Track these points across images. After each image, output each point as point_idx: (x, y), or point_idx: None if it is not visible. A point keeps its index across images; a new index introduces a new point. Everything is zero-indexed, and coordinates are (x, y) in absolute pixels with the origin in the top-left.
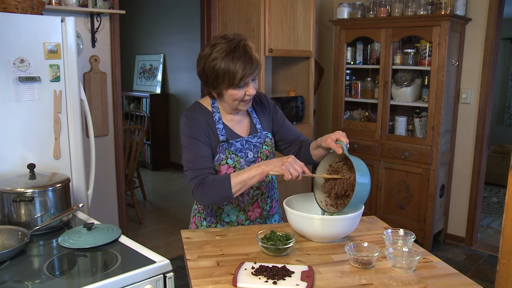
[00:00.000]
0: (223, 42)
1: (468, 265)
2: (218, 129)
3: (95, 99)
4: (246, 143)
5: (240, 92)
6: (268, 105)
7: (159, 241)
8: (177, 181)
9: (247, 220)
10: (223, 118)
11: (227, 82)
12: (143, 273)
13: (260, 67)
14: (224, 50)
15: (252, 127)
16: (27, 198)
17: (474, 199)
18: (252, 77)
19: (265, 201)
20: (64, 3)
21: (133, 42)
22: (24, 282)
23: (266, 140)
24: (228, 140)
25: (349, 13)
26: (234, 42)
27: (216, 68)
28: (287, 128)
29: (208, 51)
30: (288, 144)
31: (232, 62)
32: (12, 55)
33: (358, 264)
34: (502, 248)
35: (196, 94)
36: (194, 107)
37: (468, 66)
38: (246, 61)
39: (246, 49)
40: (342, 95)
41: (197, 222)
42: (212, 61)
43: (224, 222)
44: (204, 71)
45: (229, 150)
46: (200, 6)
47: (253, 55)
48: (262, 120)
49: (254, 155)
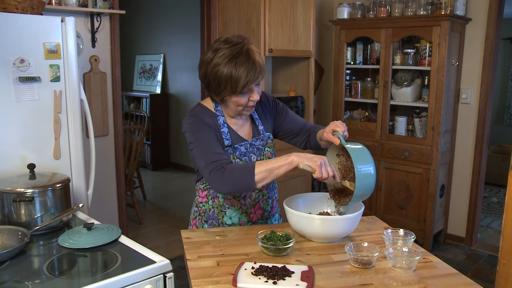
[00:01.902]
0: (225, 47)
1: (468, 265)
2: (223, 133)
3: (95, 99)
4: (250, 146)
5: (244, 98)
6: (268, 103)
7: (159, 241)
8: (177, 181)
9: (249, 222)
10: (227, 121)
11: (229, 89)
12: (143, 273)
13: (264, 71)
14: (227, 56)
15: (255, 130)
16: (27, 198)
17: (474, 199)
18: (256, 83)
19: (266, 202)
20: (64, 3)
21: (133, 42)
22: (24, 282)
23: (268, 141)
24: (233, 145)
25: (349, 13)
26: (237, 47)
27: (218, 74)
28: (291, 120)
29: (210, 56)
30: (295, 134)
31: (234, 68)
32: (12, 55)
33: (358, 264)
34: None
35: (196, 94)
36: (198, 108)
37: (468, 66)
38: (249, 67)
39: (249, 54)
40: (342, 95)
41: (198, 225)
42: (214, 67)
43: (226, 225)
44: (206, 76)
45: (233, 155)
46: (200, 6)
47: (256, 60)
48: (264, 121)
49: (257, 158)
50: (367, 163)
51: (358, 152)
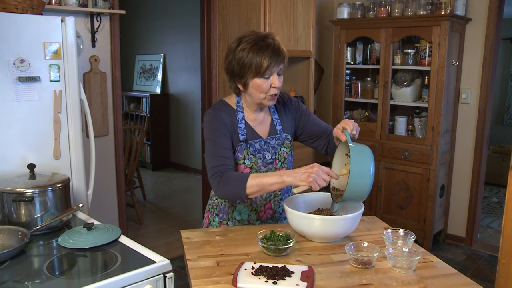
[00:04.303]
0: (251, 35)
1: (468, 265)
2: (240, 128)
3: (95, 99)
4: (265, 144)
5: (266, 83)
6: (291, 104)
7: (159, 241)
8: (177, 181)
9: (258, 220)
10: (246, 117)
11: (253, 70)
12: (143, 273)
13: (287, 62)
14: (252, 41)
15: (272, 128)
16: (27, 198)
17: (474, 199)
18: (278, 68)
19: (278, 203)
20: (64, 3)
21: (133, 42)
22: (24, 282)
23: (285, 142)
24: (248, 140)
25: (349, 13)
26: (261, 34)
27: (243, 57)
28: (313, 123)
29: (235, 44)
30: (316, 138)
31: (259, 51)
32: (12, 55)
33: (358, 264)
34: (502, 248)
35: (196, 94)
36: (219, 104)
37: (468, 66)
38: (273, 51)
39: (274, 42)
40: (342, 95)
41: (210, 217)
42: (240, 51)
43: (236, 220)
44: (231, 63)
45: (247, 151)
46: (200, 6)
47: (281, 47)
48: (284, 121)
49: (272, 156)
50: (366, 164)
51: (359, 151)
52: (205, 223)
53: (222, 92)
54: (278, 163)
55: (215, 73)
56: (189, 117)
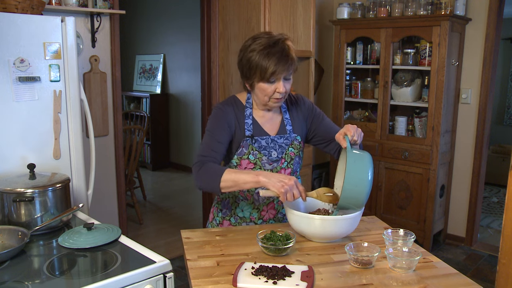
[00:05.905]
0: (264, 37)
1: (468, 265)
2: (246, 124)
3: (95, 99)
4: (272, 142)
5: (271, 87)
6: (304, 106)
7: (159, 241)
8: (177, 181)
9: (260, 219)
10: (254, 114)
11: (258, 74)
12: (143, 273)
13: (295, 68)
14: (263, 44)
15: (282, 127)
16: (27, 198)
17: (474, 199)
18: (284, 74)
19: (281, 204)
20: (64, 3)
21: (133, 42)
22: (24, 282)
23: (294, 142)
24: (254, 136)
25: (349, 13)
26: (274, 38)
27: (251, 59)
28: (325, 127)
29: (249, 42)
30: (328, 142)
31: (267, 56)
32: (12, 55)
33: (358, 264)
34: (502, 248)
35: (196, 94)
36: (229, 99)
37: (468, 66)
38: (281, 57)
39: (284, 47)
40: (342, 95)
41: (215, 212)
42: (249, 52)
43: (238, 216)
44: (241, 61)
45: (252, 146)
46: (200, 6)
47: (290, 54)
48: (295, 122)
49: (278, 155)
50: (362, 172)
51: (357, 159)
52: (210, 218)
53: (222, 92)
54: (284, 162)
55: (215, 73)
56: (189, 117)
